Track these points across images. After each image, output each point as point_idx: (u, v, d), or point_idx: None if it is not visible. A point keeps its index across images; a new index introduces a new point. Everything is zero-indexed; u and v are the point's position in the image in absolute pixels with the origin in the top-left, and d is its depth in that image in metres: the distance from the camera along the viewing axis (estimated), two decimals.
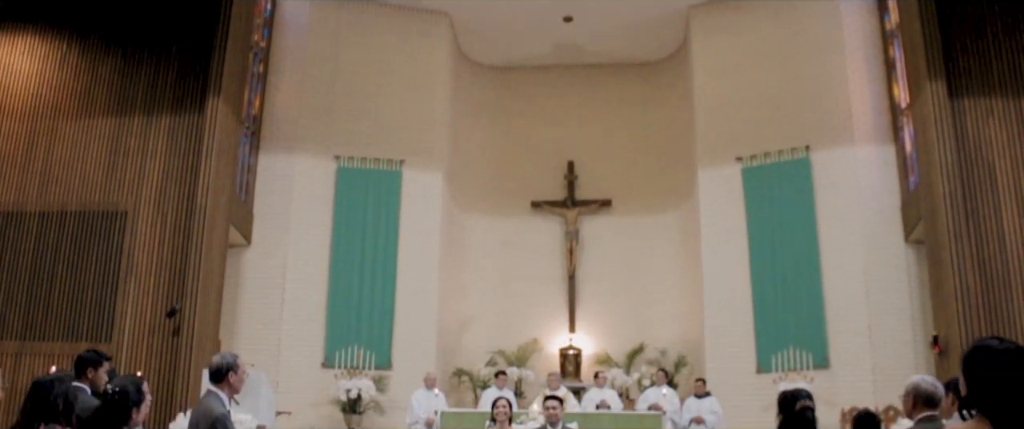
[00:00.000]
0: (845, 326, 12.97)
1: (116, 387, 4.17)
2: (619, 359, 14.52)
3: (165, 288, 11.97)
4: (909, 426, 4.29)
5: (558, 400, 7.69)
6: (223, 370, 4.91)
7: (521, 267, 15.32)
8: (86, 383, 5.19)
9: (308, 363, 13.68)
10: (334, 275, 14.07)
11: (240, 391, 5.04)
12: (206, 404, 4.86)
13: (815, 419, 4.80)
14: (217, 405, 4.82)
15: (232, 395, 4.95)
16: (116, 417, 4.08)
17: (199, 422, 4.78)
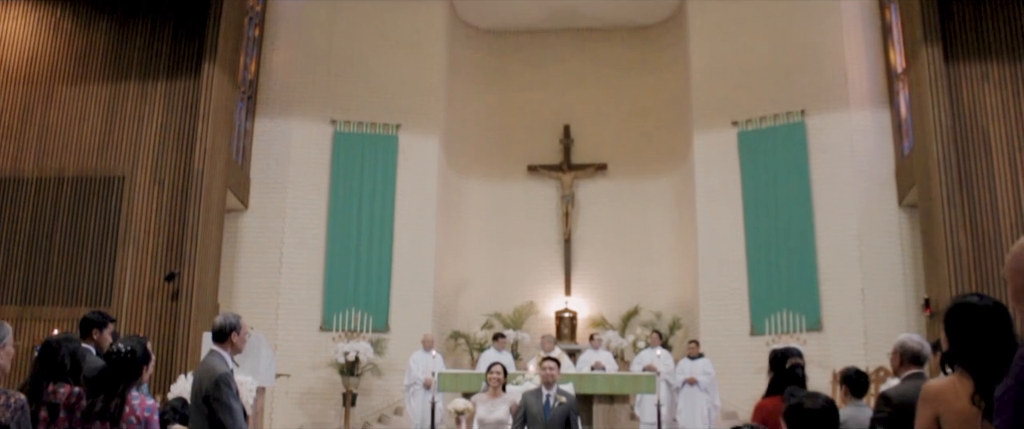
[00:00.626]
0: (838, 289, 13.10)
1: (126, 345, 4.25)
2: (614, 322, 14.66)
3: (163, 253, 12.05)
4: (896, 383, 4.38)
5: (555, 361, 7.59)
6: (226, 330, 5.00)
7: (517, 231, 15.40)
8: (91, 344, 5.27)
9: (306, 326, 13.80)
10: (331, 239, 14.15)
11: (242, 351, 5.13)
12: (209, 363, 4.96)
13: (805, 376, 4.90)
14: (220, 364, 4.91)
15: (235, 354, 5.05)
16: (127, 374, 4.17)
17: (203, 380, 4.87)
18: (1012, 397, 1.98)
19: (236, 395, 4.81)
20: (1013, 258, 2.20)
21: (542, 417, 7.10)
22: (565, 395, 7.29)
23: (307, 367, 13.50)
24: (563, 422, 7.13)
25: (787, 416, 3.31)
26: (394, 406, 13.64)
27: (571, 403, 7.26)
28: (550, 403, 7.17)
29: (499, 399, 7.39)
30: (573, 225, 15.32)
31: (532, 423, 7.12)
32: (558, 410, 7.13)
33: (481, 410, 7.37)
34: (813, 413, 3.27)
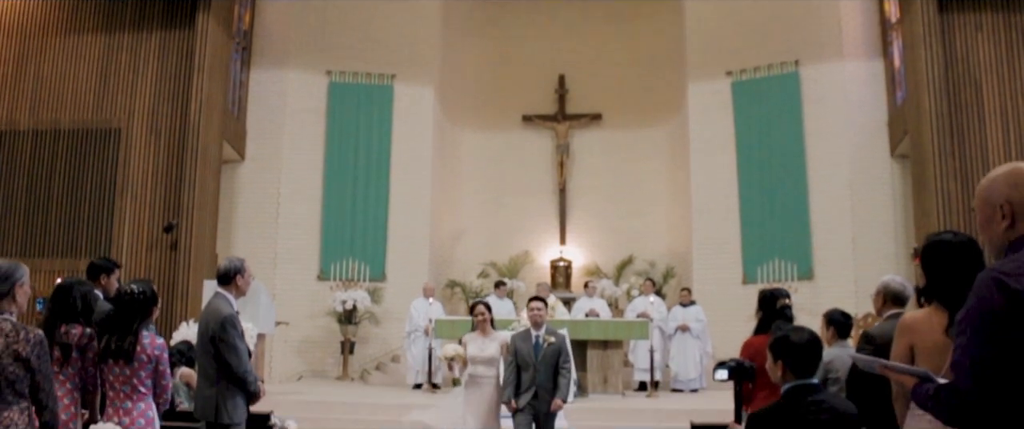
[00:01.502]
0: (830, 239, 13.27)
1: (137, 286, 4.39)
2: (608, 271, 14.84)
3: (161, 204, 12.14)
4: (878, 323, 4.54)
5: (543, 301, 7.47)
6: (231, 273, 5.16)
7: (512, 181, 15.50)
8: (98, 289, 5.40)
9: (304, 276, 13.97)
10: (328, 189, 14.26)
11: (246, 293, 5.28)
12: (215, 305, 5.11)
13: (793, 317, 5.05)
14: (226, 306, 5.07)
15: (239, 297, 5.19)
16: (139, 313, 4.32)
17: (209, 322, 5.03)
18: (971, 318, 2.11)
19: (242, 335, 4.97)
20: (981, 190, 2.32)
21: (532, 358, 7.06)
22: (554, 335, 7.24)
23: (305, 316, 13.69)
24: (554, 362, 7.09)
25: (773, 348, 3.45)
26: (392, 354, 13.86)
27: (560, 343, 7.20)
28: (540, 344, 7.12)
29: (489, 337, 7.28)
30: (568, 175, 15.42)
31: (523, 365, 7.09)
32: (548, 350, 7.09)
33: (472, 348, 7.28)
34: (798, 345, 3.41)
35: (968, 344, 2.08)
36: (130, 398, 4.27)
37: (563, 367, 7.09)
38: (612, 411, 9.70)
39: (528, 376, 7.01)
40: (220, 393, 4.96)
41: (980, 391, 2.05)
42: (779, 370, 3.47)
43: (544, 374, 6.99)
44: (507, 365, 7.10)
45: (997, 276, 2.09)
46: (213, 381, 5.01)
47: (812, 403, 3.31)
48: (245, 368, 5.07)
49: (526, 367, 7.02)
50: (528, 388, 6.97)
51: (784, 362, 3.43)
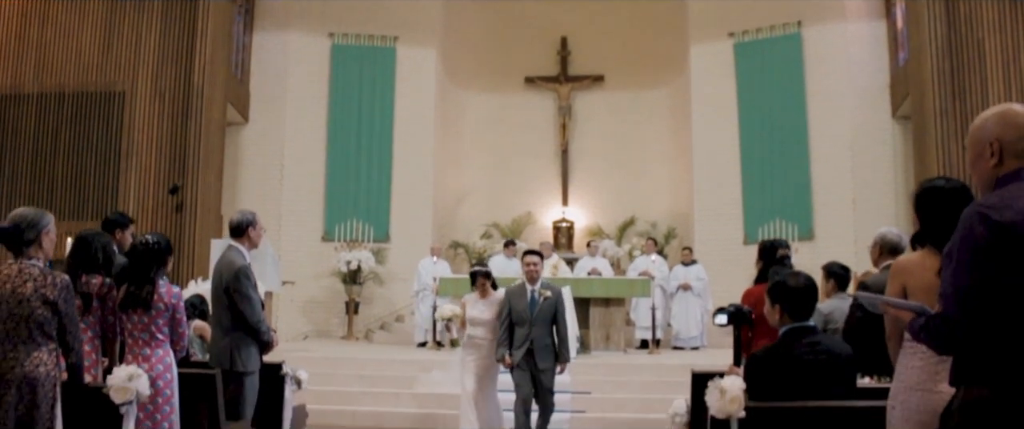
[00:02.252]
0: (830, 199, 13.37)
1: (152, 237, 4.52)
2: (610, 231, 14.96)
3: (166, 166, 12.24)
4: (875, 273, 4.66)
5: (538, 256, 7.17)
6: (243, 226, 5.29)
7: (515, 142, 15.55)
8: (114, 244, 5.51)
9: (308, 236, 14.10)
10: (332, 151, 14.35)
11: (258, 245, 5.40)
12: (229, 257, 5.25)
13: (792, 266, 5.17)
14: (239, 258, 5.21)
15: (251, 248, 5.32)
16: (154, 262, 4.45)
17: (223, 273, 5.17)
18: (957, 250, 2.22)
19: (255, 286, 5.10)
20: (973, 129, 2.42)
21: (528, 314, 6.84)
22: (550, 289, 6.99)
23: (310, 276, 13.84)
24: (550, 318, 6.89)
25: (771, 292, 3.57)
26: (396, 314, 14.03)
27: (557, 297, 6.97)
28: (535, 299, 6.89)
29: (489, 300, 7.14)
30: (570, 136, 15.47)
31: (518, 321, 6.89)
32: (544, 305, 6.87)
33: (471, 310, 7.16)
34: (795, 289, 3.53)
35: (954, 274, 2.20)
36: (148, 345, 4.40)
37: (559, 325, 6.91)
38: (614, 366, 9.86)
39: (523, 332, 6.83)
40: (234, 342, 5.11)
41: (966, 318, 2.17)
42: (777, 314, 3.59)
43: (540, 330, 6.82)
44: (501, 321, 6.95)
45: (981, 210, 2.20)
46: (227, 331, 5.16)
47: (808, 344, 3.44)
48: (258, 318, 5.20)
49: (521, 323, 6.85)
50: (523, 344, 6.80)
51: (781, 306, 3.55)
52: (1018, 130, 2.33)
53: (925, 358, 3.03)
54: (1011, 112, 2.37)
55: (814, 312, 3.78)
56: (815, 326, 3.59)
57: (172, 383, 4.38)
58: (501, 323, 6.93)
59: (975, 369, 2.20)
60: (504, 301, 6.98)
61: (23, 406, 3.40)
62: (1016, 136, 2.33)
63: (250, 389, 5.16)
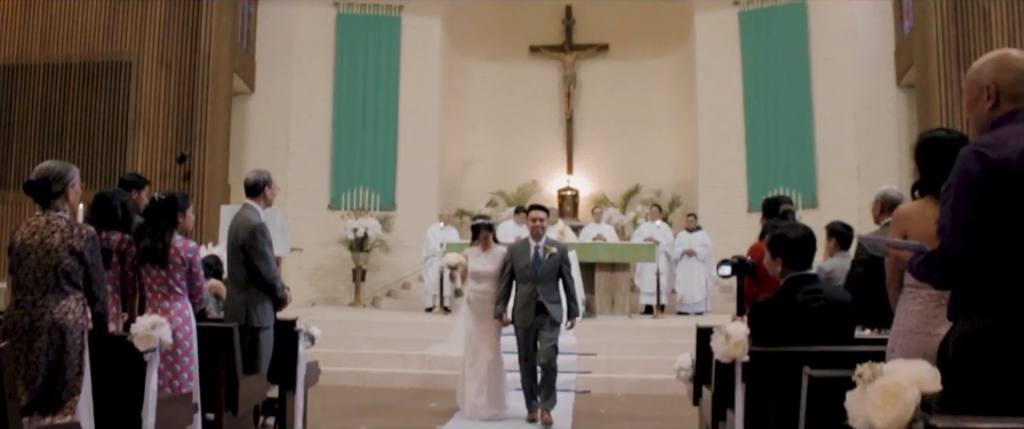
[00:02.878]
0: (834, 168, 13.43)
1: (166, 193, 4.63)
2: (615, 200, 15.05)
3: (173, 136, 12.34)
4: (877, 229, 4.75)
5: (544, 211, 6.90)
6: (259, 185, 5.42)
7: (519, 111, 15.59)
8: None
9: (315, 205, 14.21)
10: (338, 120, 14.42)
11: (272, 204, 5.51)
12: (244, 215, 5.37)
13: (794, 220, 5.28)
14: (254, 216, 5.33)
15: (266, 207, 5.44)
16: (167, 216, 4.56)
17: (239, 231, 5.29)
18: (954, 186, 2.32)
19: (270, 244, 5.22)
20: (970, 73, 2.51)
21: (531, 271, 6.60)
22: (555, 246, 6.75)
23: (317, 244, 13.96)
24: (555, 275, 6.64)
25: (771, 245, 3.68)
26: (402, 281, 14.17)
27: (562, 254, 6.73)
28: (539, 256, 6.63)
29: (491, 253, 6.92)
30: (575, 105, 15.51)
31: (521, 278, 6.66)
32: (548, 262, 6.61)
33: (473, 264, 6.93)
34: (794, 240, 3.64)
35: (952, 210, 2.30)
36: (167, 298, 4.53)
37: (567, 281, 6.69)
38: (619, 329, 10.01)
39: (527, 289, 6.61)
40: (250, 298, 5.25)
41: (963, 251, 2.27)
42: (778, 265, 3.70)
43: (544, 288, 6.58)
44: (502, 277, 6.76)
45: (978, 148, 2.30)
46: (243, 287, 5.29)
47: (809, 291, 3.55)
48: (274, 274, 5.33)
49: (524, 280, 6.63)
50: (527, 303, 6.59)
51: (782, 257, 3.66)
52: (1015, 74, 2.42)
53: (924, 303, 3.14)
54: (1008, 57, 2.46)
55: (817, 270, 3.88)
56: (816, 275, 3.70)
57: (190, 335, 4.50)
58: (502, 279, 6.74)
59: (972, 301, 2.30)
60: (507, 256, 6.79)
61: (53, 351, 3.53)
62: (1012, 80, 2.41)
63: (265, 344, 5.30)
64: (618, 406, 7.86)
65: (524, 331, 6.67)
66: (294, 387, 5.74)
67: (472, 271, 6.93)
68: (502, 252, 6.91)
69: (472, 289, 6.93)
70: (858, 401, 1.81)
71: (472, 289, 6.93)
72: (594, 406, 7.77)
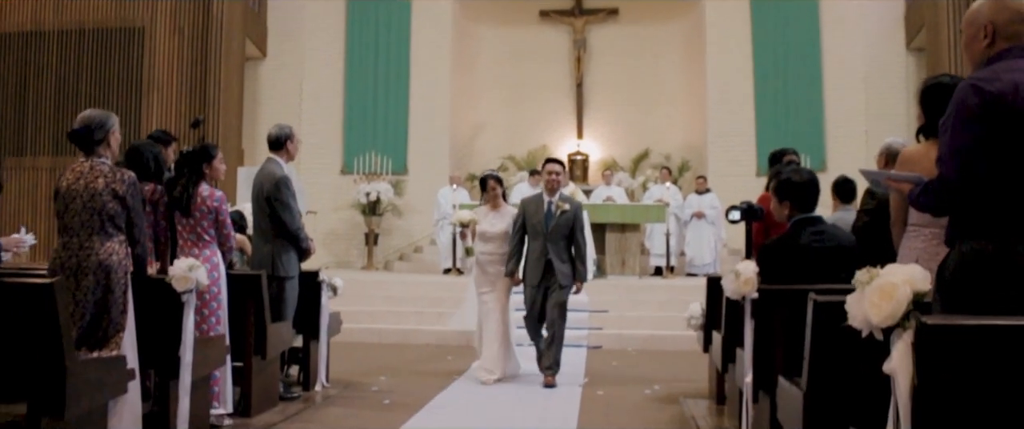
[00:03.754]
0: (843, 131, 13.54)
1: (194, 146, 4.81)
2: (625, 164, 15.15)
3: (187, 101, 12.51)
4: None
5: (560, 164, 6.68)
6: (282, 139, 5.60)
7: (530, 76, 15.65)
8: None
9: (327, 169, 14.36)
10: (349, 84, 14.54)
11: (295, 158, 5.69)
12: (268, 168, 5.55)
13: None
14: (277, 169, 5.52)
15: (289, 161, 5.62)
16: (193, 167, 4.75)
17: (264, 183, 5.47)
18: (952, 118, 2.48)
19: (294, 196, 5.40)
20: (968, 13, 2.65)
21: (543, 227, 6.37)
22: (569, 202, 6.50)
23: (330, 209, 14.14)
24: (567, 232, 6.41)
25: (777, 190, 3.83)
26: (414, 245, 14.36)
27: (575, 210, 6.50)
28: (552, 211, 6.40)
29: (500, 212, 6.71)
30: (585, 70, 15.56)
31: (532, 234, 6.42)
32: (561, 219, 6.38)
33: (482, 224, 6.71)
34: (800, 184, 3.80)
35: (950, 139, 2.46)
36: (196, 246, 4.74)
37: (579, 240, 6.47)
38: (630, 288, 10.19)
39: (537, 246, 6.40)
40: (275, 248, 5.44)
41: (960, 178, 2.43)
42: (785, 209, 3.86)
43: (555, 245, 6.36)
44: (513, 233, 6.52)
45: (974, 82, 2.45)
46: (268, 238, 5.48)
47: (815, 232, 3.72)
48: (298, 225, 5.51)
49: (535, 236, 6.41)
50: (537, 261, 6.39)
51: (789, 200, 3.82)
52: (1011, 13, 2.55)
53: (926, 240, 3.30)
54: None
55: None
56: (821, 217, 3.85)
57: (219, 281, 4.68)
58: (513, 235, 6.51)
59: (969, 226, 2.46)
60: (519, 212, 6.56)
61: (99, 290, 3.71)
62: (1008, 19, 2.55)
63: (290, 292, 5.50)
64: (629, 360, 8.05)
65: (533, 289, 6.45)
66: (318, 336, 5.95)
67: (480, 231, 6.73)
68: (511, 212, 6.73)
69: (480, 250, 6.75)
70: (857, 302, 1.98)
71: (480, 250, 6.75)
72: (606, 360, 7.97)
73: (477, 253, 6.79)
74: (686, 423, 5.23)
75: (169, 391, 4.07)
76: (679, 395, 6.15)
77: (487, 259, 6.66)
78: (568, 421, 5.16)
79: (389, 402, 5.75)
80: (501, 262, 6.57)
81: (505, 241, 6.58)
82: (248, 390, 4.97)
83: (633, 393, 6.28)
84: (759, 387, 3.78)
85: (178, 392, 4.05)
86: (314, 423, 5.10)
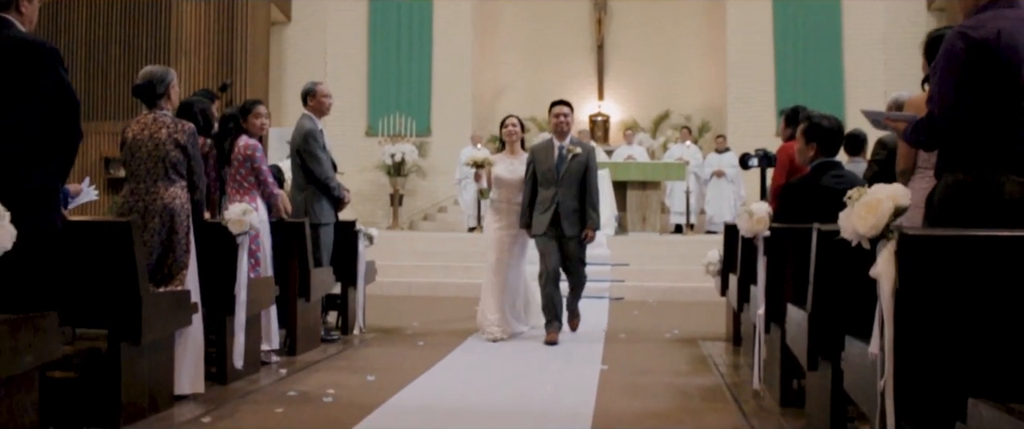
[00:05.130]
0: (862, 93, 13.63)
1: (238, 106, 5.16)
2: (645, 125, 15.35)
3: (215, 66, 12.83)
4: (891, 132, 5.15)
5: (568, 106, 6.33)
6: (305, 95, 6.12)
7: (551, 38, 15.82)
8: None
9: (352, 131, 14.65)
10: (373, 48, 14.78)
11: (325, 111, 6.05)
12: (300, 123, 6.04)
13: None
14: (307, 123, 5.94)
15: (318, 115, 5.98)
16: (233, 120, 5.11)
17: (296, 137, 5.90)
18: (940, 62, 2.76)
19: (323, 148, 5.77)
20: None
21: (554, 173, 6.05)
22: (580, 146, 6.21)
23: (355, 170, 14.42)
24: (580, 178, 6.08)
25: (807, 132, 4.12)
26: (438, 205, 14.69)
27: (587, 153, 6.19)
28: (563, 156, 6.08)
29: (518, 158, 6.38)
30: (605, 32, 15.71)
31: (543, 181, 6.10)
32: (573, 164, 6.06)
33: (499, 168, 6.37)
34: (829, 129, 4.10)
35: (938, 81, 2.74)
36: (238, 193, 5.12)
37: (592, 185, 6.13)
38: (651, 242, 10.50)
39: (548, 194, 6.05)
40: (307, 198, 5.84)
41: (946, 116, 2.72)
42: (811, 151, 4.16)
43: (567, 192, 6.04)
44: (525, 183, 6.20)
45: (961, 29, 2.73)
46: (302, 188, 5.88)
47: (834, 175, 4.01)
48: (327, 175, 5.86)
49: (546, 183, 6.08)
50: (548, 208, 6.03)
51: (817, 143, 4.12)
52: None
53: (931, 182, 3.57)
54: None
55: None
56: (840, 162, 4.16)
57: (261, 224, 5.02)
58: (525, 185, 6.19)
59: (954, 159, 2.75)
60: (529, 158, 6.24)
61: (165, 231, 4.05)
62: None
63: (325, 238, 5.88)
64: (650, 310, 8.37)
65: (543, 240, 6.09)
66: (355, 283, 6.31)
67: (496, 176, 6.37)
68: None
69: (495, 198, 6.44)
70: (847, 217, 2.29)
71: (495, 198, 6.44)
72: (627, 310, 8.29)
73: (493, 201, 6.48)
74: (704, 361, 5.56)
75: (225, 327, 4.42)
76: (697, 338, 6.49)
77: (505, 206, 6.37)
78: (593, 359, 5.48)
79: (423, 344, 6.11)
80: (519, 208, 6.25)
81: (521, 188, 6.24)
82: (293, 330, 5.33)
83: (654, 336, 6.62)
84: (771, 319, 4.09)
85: (234, 328, 4.40)
86: (356, 360, 5.47)
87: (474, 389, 4.63)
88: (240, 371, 4.50)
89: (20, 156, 3.12)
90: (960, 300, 2.10)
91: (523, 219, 6.19)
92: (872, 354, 2.19)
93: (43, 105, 3.19)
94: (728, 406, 4.24)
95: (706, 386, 4.76)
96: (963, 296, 2.10)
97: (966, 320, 2.08)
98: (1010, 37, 2.66)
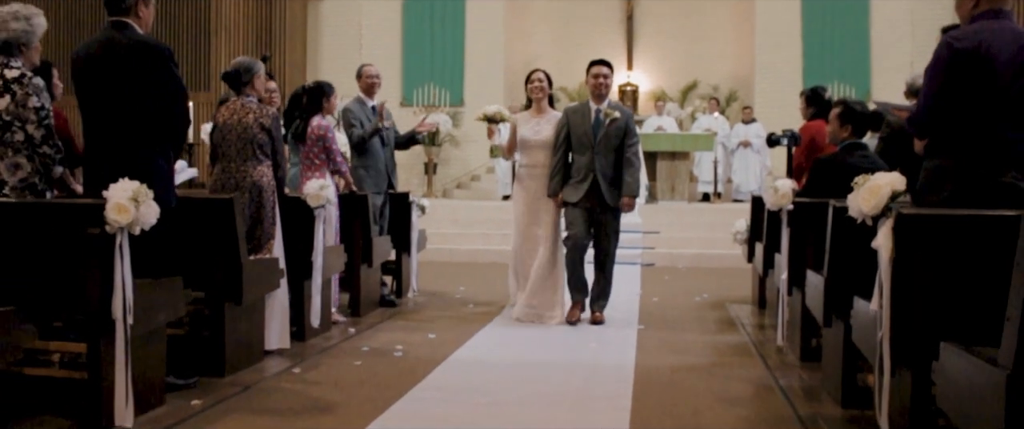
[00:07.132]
0: (888, 63, 13.88)
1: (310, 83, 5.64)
2: (674, 95, 15.68)
3: (254, 41, 13.33)
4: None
5: (607, 66, 5.80)
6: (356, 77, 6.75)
7: (581, 8, 16.12)
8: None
9: (387, 102, 15.07)
10: (407, 20, 15.18)
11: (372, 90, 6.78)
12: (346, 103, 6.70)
13: None
14: (350, 102, 6.62)
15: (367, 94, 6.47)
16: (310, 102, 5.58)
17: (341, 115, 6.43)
18: (929, 68, 3.26)
19: (359, 121, 6.31)
20: None
21: (590, 138, 5.58)
22: (619, 110, 5.71)
23: None
24: (618, 144, 5.60)
25: (843, 115, 4.57)
26: (471, 173, 15.16)
27: (627, 118, 5.69)
28: (600, 120, 5.59)
29: (545, 117, 5.83)
30: (635, 3, 15.99)
31: (578, 147, 5.62)
32: (611, 129, 5.58)
33: (523, 129, 5.82)
34: (863, 114, 4.57)
35: (926, 83, 3.26)
36: (309, 169, 5.61)
37: (630, 151, 5.62)
38: (680, 210, 10.95)
39: (584, 161, 5.58)
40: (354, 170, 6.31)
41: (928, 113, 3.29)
42: (845, 131, 4.63)
43: (604, 159, 5.57)
44: (556, 147, 5.67)
45: (948, 39, 3.22)
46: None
47: (861, 155, 4.49)
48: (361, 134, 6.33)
49: (582, 150, 5.60)
50: (584, 178, 5.56)
51: (851, 125, 4.58)
52: None
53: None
54: None
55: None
56: (866, 144, 4.63)
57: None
58: (556, 149, 5.66)
59: (935, 148, 3.28)
60: (562, 121, 5.71)
61: (253, 206, 4.57)
62: None
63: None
64: (680, 275, 8.86)
65: (575, 210, 5.61)
66: (409, 251, 6.83)
67: (521, 138, 5.81)
68: (557, 116, 5.81)
69: (521, 163, 5.89)
70: (854, 198, 2.79)
71: (521, 163, 5.89)
72: (659, 275, 8.77)
73: (517, 166, 6.05)
74: (732, 322, 6.06)
75: (304, 291, 4.95)
76: (725, 301, 6.98)
77: (527, 172, 5.83)
78: (631, 320, 6.00)
79: (473, 306, 6.64)
80: (544, 177, 5.72)
81: (551, 152, 5.69)
82: (357, 293, 5.88)
83: (684, 300, 7.11)
84: (793, 283, 4.57)
85: (312, 291, 4.93)
86: (414, 320, 6.01)
87: (526, 346, 5.12)
88: (316, 329, 5.05)
89: (142, 143, 3.63)
90: (943, 266, 2.62)
91: (551, 186, 5.67)
92: (873, 309, 2.69)
93: (158, 98, 3.68)
94: (754, 361, 4.73)
95: (734, 343, 5.25)
96: (946, 263, 2.62)
97: (947, 282, 2.60)
98: (989, 48, 3.13)
